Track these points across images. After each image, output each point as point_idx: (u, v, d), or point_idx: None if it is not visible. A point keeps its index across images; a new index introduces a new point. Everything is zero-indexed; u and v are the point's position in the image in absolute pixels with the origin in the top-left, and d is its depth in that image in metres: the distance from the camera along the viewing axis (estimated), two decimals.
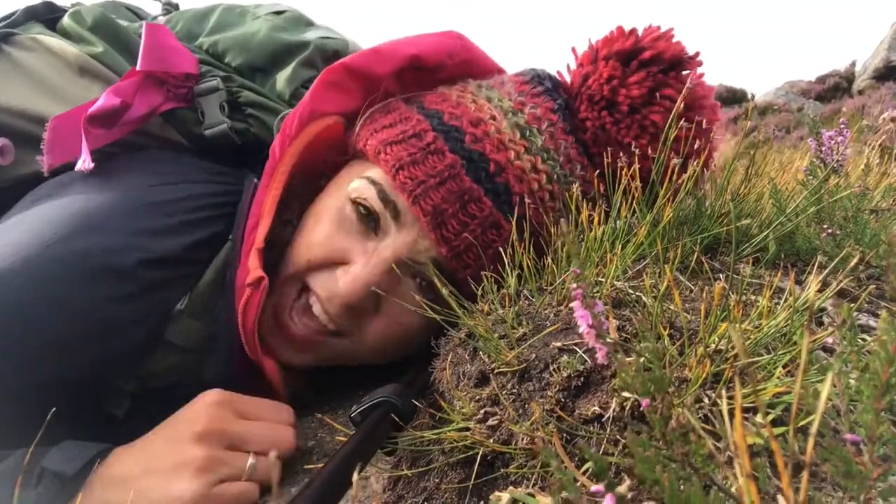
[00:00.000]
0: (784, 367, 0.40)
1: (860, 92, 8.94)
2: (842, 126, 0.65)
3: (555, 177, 0.76)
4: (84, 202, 0.73)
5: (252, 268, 0.74)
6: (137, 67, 0.81)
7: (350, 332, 0.78)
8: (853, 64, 10.12)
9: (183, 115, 0.87)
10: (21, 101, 0.84)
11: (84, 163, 0.75)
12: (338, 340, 0.78)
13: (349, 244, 0.76)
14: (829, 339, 0.41)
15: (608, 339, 0.31)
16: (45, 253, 0.67)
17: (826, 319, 0.52)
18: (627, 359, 0.35)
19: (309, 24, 1.01)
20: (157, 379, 0.81)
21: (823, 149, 0.66)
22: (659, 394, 0.28)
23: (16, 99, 0.85)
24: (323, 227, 0.77)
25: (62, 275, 0.67)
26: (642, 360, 0.32)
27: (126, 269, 0.69)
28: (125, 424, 0.81)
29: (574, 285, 0.32)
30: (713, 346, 0.42)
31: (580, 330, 0.32)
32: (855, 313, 0.48)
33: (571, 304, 0.32)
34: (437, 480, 0.54)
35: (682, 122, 0.69)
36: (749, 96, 9.71)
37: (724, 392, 0.38)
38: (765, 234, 0.61)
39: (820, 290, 0.48)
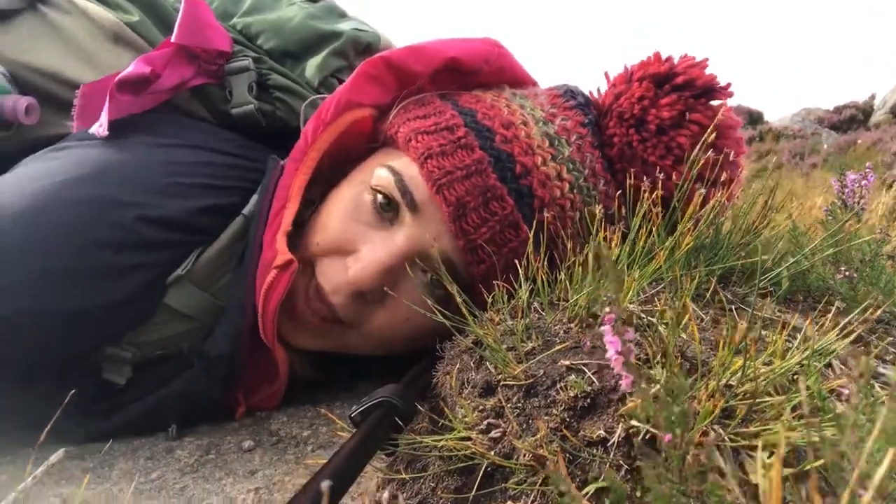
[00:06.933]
0: (793, 409, 0.40)
1: (876, 126, 8.92)
2: (867, 170, 0.65)
3: (577, 187, 0.76)
4: (102, 154, 0.76)
5: (280, 250, 0.75)
6: (172, 39, 0.81)
7: (355, 323, 0.78)
8: (872, 97, 10.10)
9: (211, 91, 0.87)
10: (52, 63, 0.85)
11: (100, 128, 0.76)
12: (343, 330, 0.79)
13: (361, 231, 0.76)
14: (843, 387, 0.41)
15: (635, 368, 0.31)
16: (53, 193, 0.70)
17: (835, 362, 0.52)
18: (651, 388, 0.35)
19: (342, 14, 1.02)
20: (158, 347, 0.81)
21: (846, 191, 0.66)
22: (680, 430, 0.28)
23: (48, 60, 0.85)
24: (338, 212, 0.78)
25: (63, 216, 0.70)
26: (664, 392, 0.32)
27: (124, 223, 0.71)
28: (126, 393, 0.82)
29: (607, 309, 0.32)
30: (725, 380, 0.42)
31: (607, 355, 0.32)
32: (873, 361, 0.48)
33: (601, 329, 0.32)
34: (432, 485, 0.54)
35: (709, 151, 0.69)
36: (766, 120, 9.68)
37: (734, 429, 0.39)
38: (779, 270, 0.61)
39: (835, 333, 0.48)
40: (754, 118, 10.04)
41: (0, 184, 0.74)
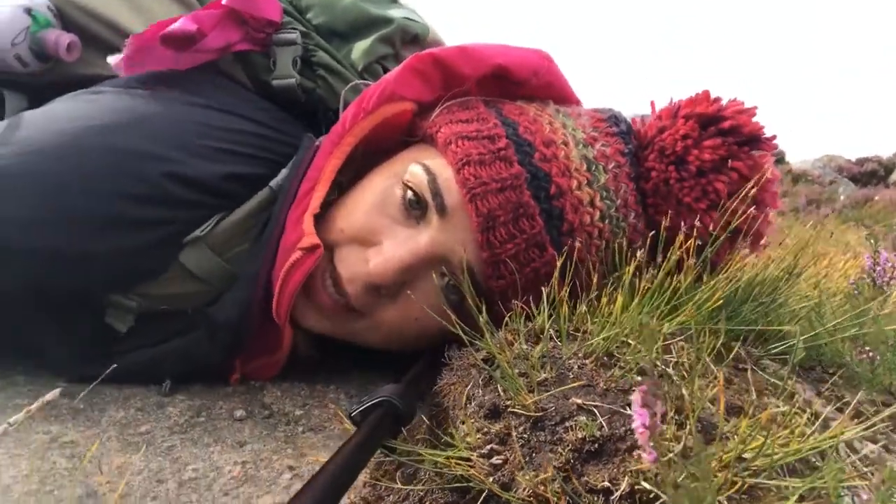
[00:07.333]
0: (802, 498, 0.40)
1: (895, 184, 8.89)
2: None
3: (608, 217, 0.76)
4: (137, 105, 0.76)
5: (307, 232, 0.75)
6: (223, 1, 0.80)
7: (366, 314, 0.78)
8: None
9: (255, 59, 0.87)
10: (98, 4, 0.84)
11: (116, 59, 0.77)
12: (354, 318, 0.79)
13: (386, 224, 0.76)
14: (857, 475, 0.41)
15: (662, 446, 0.31)
16: (82, 136, 0.71)
17: (842, 446, 0.52)
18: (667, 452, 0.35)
19: (394, 0, 1.00)
20: (164, 302, 0.81)
21: (877, 269, 0.66)
22: None
23: (95, 1, 0.84)
24: (366, 201, 0.78)
25: (89, 161, 0.70)
26: (690, 479, 0.31)
27: (150, 177, 0.71)
28: (126, 341, 0.82)
29: (639, 378, 0.32)
30: (739, 452, 0.42)
31: (633, 425, 0.32)
32: (879, 450, 0.48)
33: (630, 399, 0.32)
34: (420, 494, 0.54)
35: (747, 203, 0.69)
36: (787, 161, 9.62)
37: None
38: (798, 339, 0.61)
39: (846, 414, 0.48)
40: (775, 157, 9.98)
41: (31, 118, 0.74)
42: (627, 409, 0.49)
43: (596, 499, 0.43)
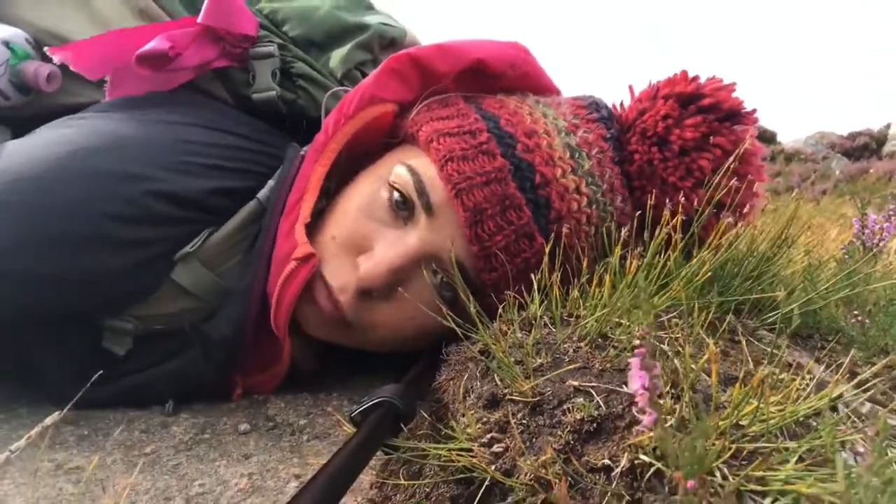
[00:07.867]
0: (801, 459, 0.39)
1: (889, 156, 8.91)
2: (890, 212, 0.65)
3: (595, 202, 0.76)
4: (118, 127, 0.77)
5: (300, 242, 0.75)
6: (199, 20, 0.81)
7: (360, 322, 0.78)
8: (888, 126, 10.06)
9: (234, 74, 0.87)
10: (77, 34, 0.85)
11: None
12: (348, 324, 0.79)
13: (375, 229, 0.76)
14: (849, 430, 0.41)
15: (659, 406, 0.31)
16: (65, 161, 0.71)
17: (840, 406, 0.52)
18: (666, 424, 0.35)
19: (369, 7, 1.02)
20: (160, 322, 0.81)
21: (866, 231, 0.66)
22: (702, 475, 0.28)
23: (72, 31, 0.85)
24: (353, 207, 0.78)
25: (73, 185, 0.70)
26: (690, 438, 0.31)
27: (133, 197, 0.72)
28: (125, 364, 0.82)
29: (637, 342, 0.32)
30: (735, 419, 0.42)
31: (632, 388, 0.32)
32: (879, 410, 0.48)
33: (630, 360, 0.32)
34: (427, 490, 0.54)
35: (730, 177, 0.69)
36: (779, 141, 9.64)
37: (739, 470, 0.38)
38: (791, 307, 0.61)
39: (839, 373, 0.48)
40: (767, 138, 9.99)
41: (14, 147, 0.75)
42: (623, 387, 0.49)
43: (597, 477, 0.43)
